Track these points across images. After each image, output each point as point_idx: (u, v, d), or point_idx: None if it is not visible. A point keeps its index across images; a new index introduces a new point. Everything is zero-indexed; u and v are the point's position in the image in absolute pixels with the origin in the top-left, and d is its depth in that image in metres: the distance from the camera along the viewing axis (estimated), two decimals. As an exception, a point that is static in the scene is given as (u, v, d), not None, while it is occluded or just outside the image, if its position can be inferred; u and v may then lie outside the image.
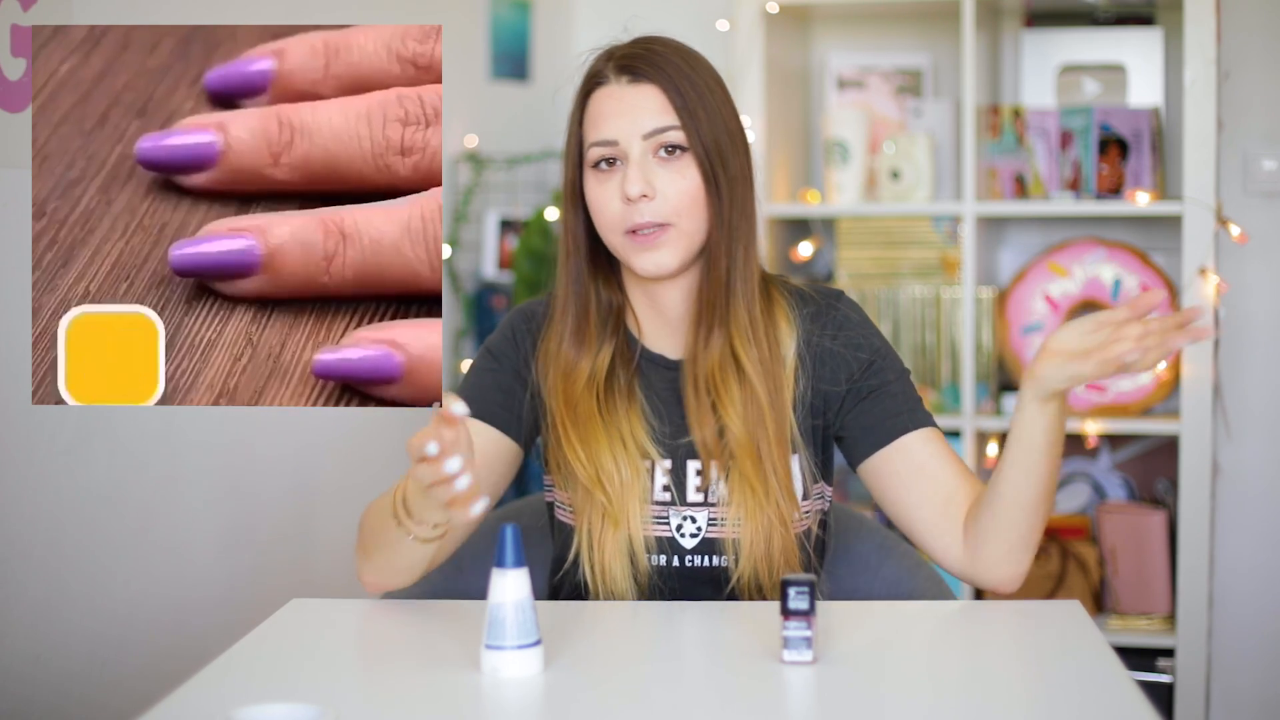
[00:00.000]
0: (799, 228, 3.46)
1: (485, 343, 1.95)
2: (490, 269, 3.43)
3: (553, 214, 3.41)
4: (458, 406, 1.51)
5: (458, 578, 1.97)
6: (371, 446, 3.03)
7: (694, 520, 1.86)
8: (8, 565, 2.15)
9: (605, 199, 1.82)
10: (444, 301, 3.34)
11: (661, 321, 1.90)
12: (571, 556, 1.87)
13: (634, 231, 1.81)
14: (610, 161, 1.82)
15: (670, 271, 1.83)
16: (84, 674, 2.29)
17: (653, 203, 1.80)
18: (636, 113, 1.81)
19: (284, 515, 2.78)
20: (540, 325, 1.92)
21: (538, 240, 3.40)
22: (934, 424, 1.88)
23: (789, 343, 1.88)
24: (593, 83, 1.85)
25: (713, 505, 1.86)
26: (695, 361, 1.86)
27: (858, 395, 1.87)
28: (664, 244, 1.81)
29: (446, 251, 3.32)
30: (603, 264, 1.89)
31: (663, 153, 1.81)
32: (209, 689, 1.53)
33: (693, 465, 1.87)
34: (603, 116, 1.83)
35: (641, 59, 1.83)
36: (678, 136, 1.81)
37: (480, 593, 1.97)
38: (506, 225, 3.44)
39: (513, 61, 3.56)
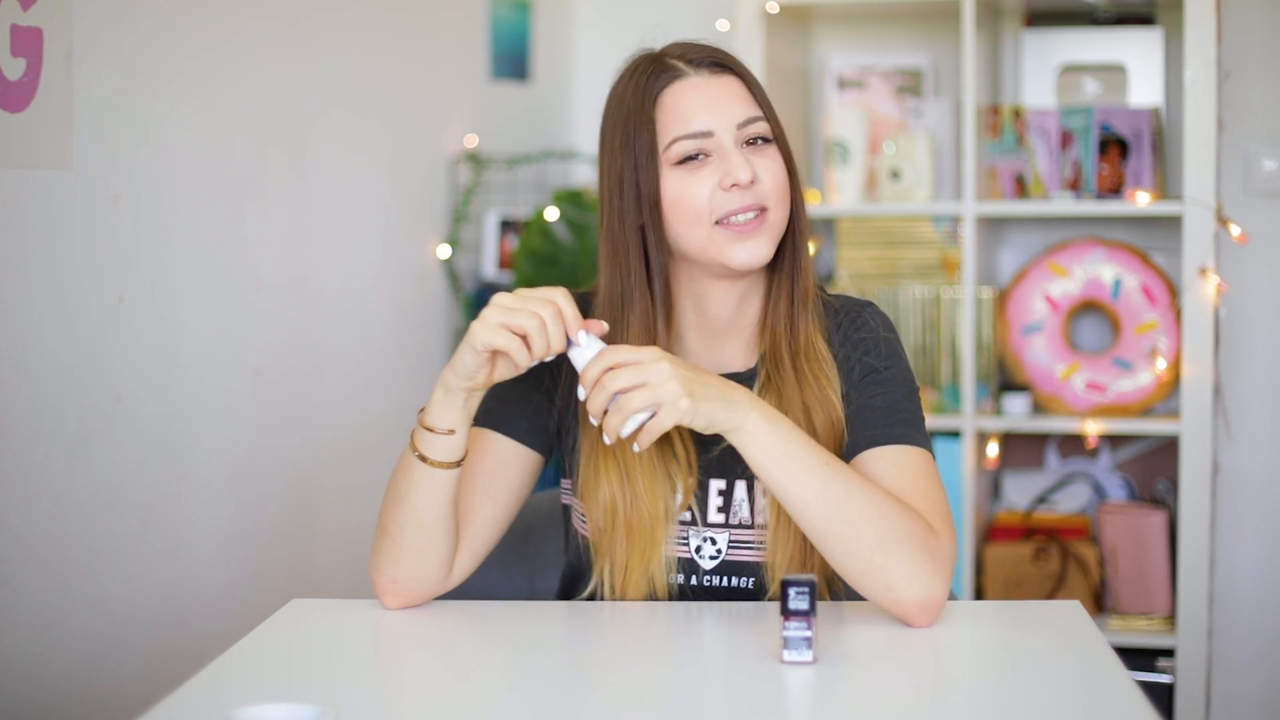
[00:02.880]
0: (799, 228, 3.46)
1: None
2: (490, 269, 3.43)
3: (553, 214, 3.41)
4: (596, 327, 1.70)
5: (458, 578, 1.97)
6: (371, 446, 3.03)
7: (714, 542, 1.83)
8: (8, 565, 2.15)
9: (695, 191, 1.76)
10: (444, 302, 3.34)
11: (708, 333, 1.85)
12: (592, 586, 1.84)
13: (724, 222, 1.76)
14: (694, 156, 1.77)
15: (766, 261, 1.78)
16: (84, 674, 2.29)
17: (756, 186, 1.77)
18: (727, 102, 1.78)
19: (284, 515, 2.78)
20: None
21: (538, 240, 3.40)
22: (917, 443, 1.78)
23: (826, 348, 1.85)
24: (666, 79, 1.79)
25: (734, 527, 1.83)
26: (778, 358, 1.82)
27: (848, 405, 1.81)
28: (762, 232, 1.77)
29: (446, 251, 3.32)
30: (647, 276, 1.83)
31: (757, 144, 1.79)
32: (209, 689, 1.53)
33: (715, 485, 1.84)
34: (690, 110, 1.77)
35: (706, 52, 1.80)
36: (765, 128, 1.79)
37: (480, 594, 1.97)
38: (506, 225, 3.44)
39: (513, 61, 3.56)
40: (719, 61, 1.80)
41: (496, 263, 3.43)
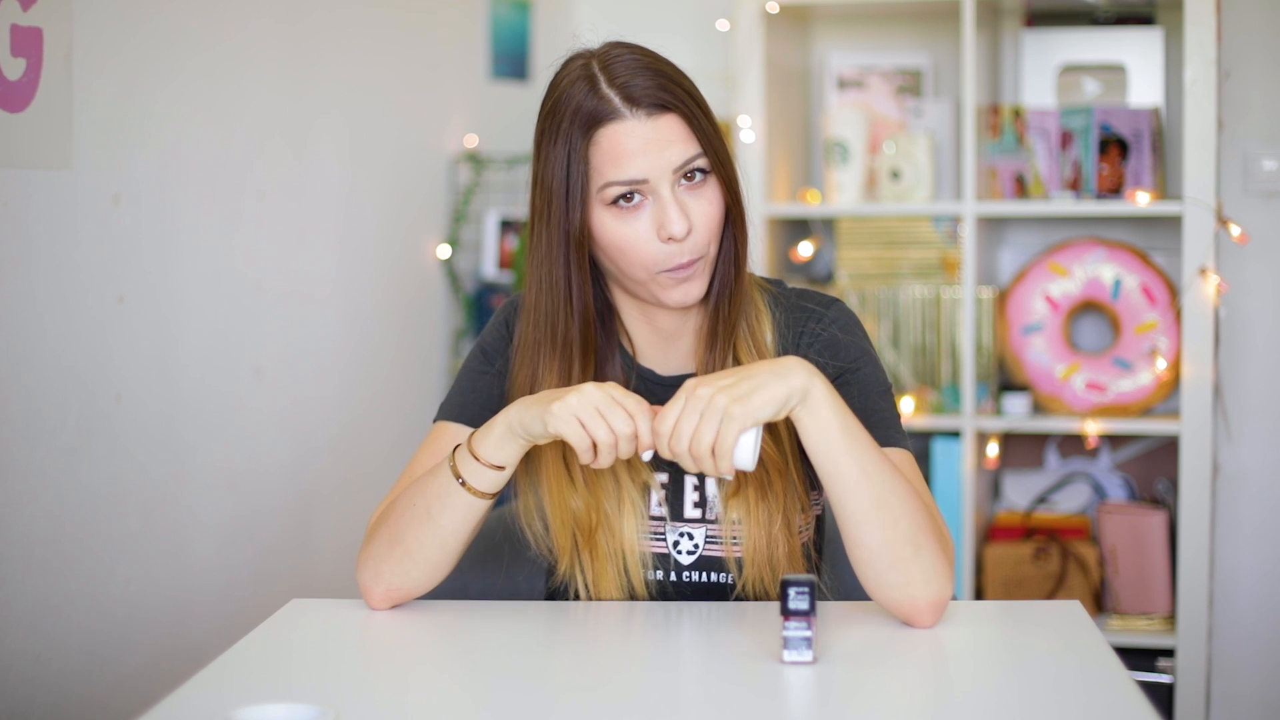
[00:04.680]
0: (799, 228, 3.47)
1: (479, 338, 1.91)
2: (490, 269, 3.43)
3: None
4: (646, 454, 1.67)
5: (457, 578, 1.97)
6: (371, 446, 3.03)
7: (691, 537, 1.84)
8: (8, 565, 2.15)
9: (636, 236, 1.73)
10: (444, 302, 3.34)
11: (658, 339, 1.86)
12: (562, 572, 1.84)
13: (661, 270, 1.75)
14: (629, 197, 1.73)
15: (700, 298, 1.78)
16: (84, 674, 2.29)
17: (692, 236, 1.73)
18: (663, 147, 1.72)
19: (284, 515, 2.78)
20: None
21: (538, 240, 3.40)
22: (899, 444, 1.78)
23: (773, 348, 1.84)
24: (603, 113, 1.72)
25: (710, 523, 1.83)
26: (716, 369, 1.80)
27: None
28: (697, 275, 1.76)
29: (446, 251, 3.32)
30: (590, 282, 1.81)
31: (695, 178, 1.74)
32: (209, 689, 1.53)
33: (690, 480, 1.84)
34: (626, 155, 1.71)
35: (647, 88, 1.72)
36: (703, 162, 1.74)
37: (479, 593, 1.97)
38: (506, 225, 3.44)
39: (513, 61, 3.56)
40: (660, 102, 1.72)
41: (496, 263, 3.43)
